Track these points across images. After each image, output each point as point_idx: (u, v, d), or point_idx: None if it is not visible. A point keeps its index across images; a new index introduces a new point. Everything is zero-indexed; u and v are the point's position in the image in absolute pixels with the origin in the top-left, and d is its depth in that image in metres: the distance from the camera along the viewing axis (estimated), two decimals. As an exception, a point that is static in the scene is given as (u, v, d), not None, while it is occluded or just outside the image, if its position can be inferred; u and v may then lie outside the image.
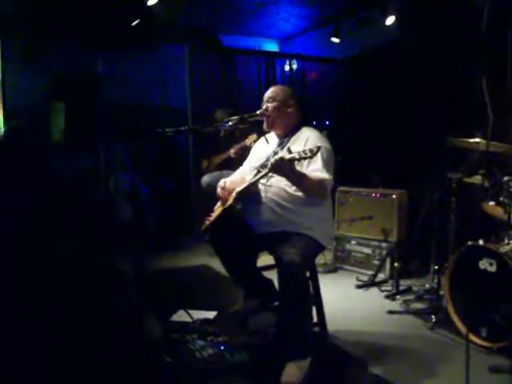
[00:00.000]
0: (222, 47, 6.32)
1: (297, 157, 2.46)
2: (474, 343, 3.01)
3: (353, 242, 4.63)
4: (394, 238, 4.40)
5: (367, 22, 5.62)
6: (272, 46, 7.87)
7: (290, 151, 2.49)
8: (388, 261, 4.32)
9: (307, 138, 2.76)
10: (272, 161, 2.53)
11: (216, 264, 5.01)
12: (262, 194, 2.79)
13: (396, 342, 3.15)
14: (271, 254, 2.81)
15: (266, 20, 6.93)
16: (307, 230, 2.71)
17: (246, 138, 4.85)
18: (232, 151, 5.04)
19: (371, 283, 4.22)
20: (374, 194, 4.56)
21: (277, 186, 2.72)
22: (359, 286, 4.20)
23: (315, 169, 2.65)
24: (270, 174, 2.67)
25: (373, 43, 5.57)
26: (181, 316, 3.36)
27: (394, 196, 4.43)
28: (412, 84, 4.91)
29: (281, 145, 2.87)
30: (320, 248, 2.81)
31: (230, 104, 5.56)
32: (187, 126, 3.08)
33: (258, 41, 7.62)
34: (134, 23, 4.32)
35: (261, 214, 2.77)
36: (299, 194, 2.71)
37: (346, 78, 6.36)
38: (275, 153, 2.81)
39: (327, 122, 5.86)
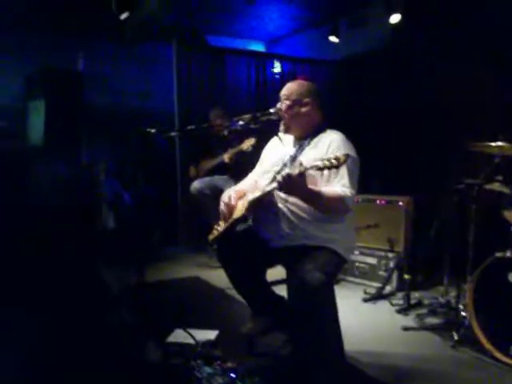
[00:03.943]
0: (212, 46, 6.02)
1: (320, 165, 2.11)
2: (503, 362, 2.78)
3: (356, 252, 4.35)
4: (400, 247, 4.16)
5: (363, 22, 5.40)
6: (259, 48, 7.63)
7: (300, 165, 2.16)
8: (395, 272, 4.07)
9: (330, 143, 2.45)
10: (279, 178, 2.20)
11: (207, 275, 4.71)
12: (279, 205, 2.48)
13: (417, 363, 2.88)
14: (287, 269, 2.52)
15: (254, 21, 6.69)
16: (329, 243, 2.42)
17: (241, 142, 4.56)
18: (226, 156, 4.73)
19: (379, 296, 3.96)
20: (378, 201, 4.30)
21: (296, 196, 2.42)
22: (366, 300, 3.93)
23: (340, 184, 2.35)
24: None
25: (370, 44, 5.34)
26: (176, 337, 3.04)
27: (400, 203, 4.18)
28: (419, 85, 4.69)
29: (300, 148, 2.55)
30: (342, 262, 2.52)
31: (221, 105, 5.26)
32: (193, 126, 2.74)
33: (244, 42, 7.38)
34: (122, 17, 3.98)
35: (277, 226, 2.47)
36: None
37: (340, 81, 6.11)
38: (293, 158, 2.51)
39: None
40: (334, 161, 2.08)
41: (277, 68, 6.50)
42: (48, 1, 4.66)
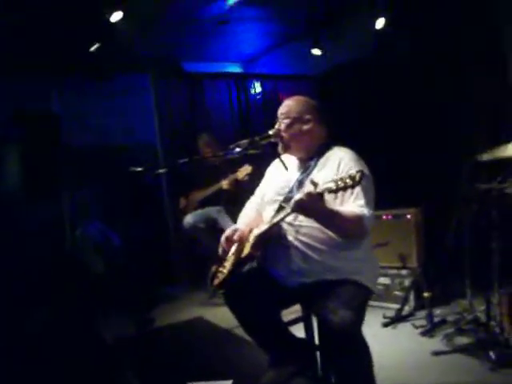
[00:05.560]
0: (189, 73, 5.79)
1: (333, 187, 1.85)
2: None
3: (367, 273, 4.07)
4: (413, 263, 3.89)
5: (344, 31, 5.20)
6: (236, 70, 7.42)
7: (314, 183, 1.91)
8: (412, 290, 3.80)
9: (339, 161, 2.18)
10: (296, 198, 1.95)
11: (211, 314, 4.38)
12: (289, 237, 2.20)
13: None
14: (305, 308, 2.24)
15: (228, 42, 6.48)
16: (352, 275, 2.15)
17: (236, 170, 4.31)
18: (225, 183, 4.45)
19: (398, 318, 3.68)
20: (385, 216, 4.04)
21: (308, 224, 2.14)
22: (386, 324, 3.64)
23: (356, 204, 2.08)
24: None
25: (354, 53, 5.14)
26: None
27: (408, 216, 3.92)
28: (409, 92, 4.49)
29: (306, 171, 2.28)
30: (369, 295, 2.24)
31: (207, 132, 5.02)
32: (188, 159, 2.46)
33: (220, 65, 7.16)
34: (93, 48, 3.72)
35: (290, 261, 2.19)
36: None
37: (326, 94, 5.89)
38: (300, 182, 2.24)
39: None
40: (348, 180, 1.82)
41: (257, 88, 6.30)
42: (18, 40, 4.40)
